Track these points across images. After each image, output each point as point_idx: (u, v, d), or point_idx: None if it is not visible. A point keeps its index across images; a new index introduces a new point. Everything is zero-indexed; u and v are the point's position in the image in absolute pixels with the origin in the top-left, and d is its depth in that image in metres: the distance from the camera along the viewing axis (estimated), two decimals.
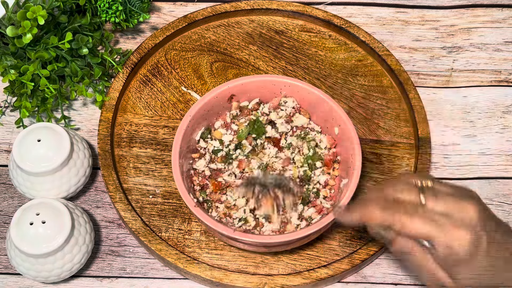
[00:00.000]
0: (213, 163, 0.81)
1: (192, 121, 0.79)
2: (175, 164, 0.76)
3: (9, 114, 0.92)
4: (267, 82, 0.81)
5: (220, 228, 0.72)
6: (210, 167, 0.80)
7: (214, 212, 0.78)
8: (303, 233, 0.72)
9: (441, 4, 1.00)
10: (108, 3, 0.88)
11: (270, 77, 0.82)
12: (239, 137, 0.81)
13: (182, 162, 0.77)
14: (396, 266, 0.82)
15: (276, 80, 0.81)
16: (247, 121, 0.82)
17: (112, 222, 0.84)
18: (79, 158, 0.81)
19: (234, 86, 0.81)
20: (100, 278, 0.81)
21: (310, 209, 0.77)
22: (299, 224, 0.77)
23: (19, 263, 0.76)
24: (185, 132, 0.78)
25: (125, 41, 0.97)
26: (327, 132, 0.81)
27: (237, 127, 0.82)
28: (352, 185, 0.74)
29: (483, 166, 0.88)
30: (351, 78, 0.93)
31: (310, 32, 0.96)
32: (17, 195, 0.86)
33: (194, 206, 0.74)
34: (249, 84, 0.81)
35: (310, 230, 0.72)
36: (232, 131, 0.82)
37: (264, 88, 0.82)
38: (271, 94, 0.82)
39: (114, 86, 0.90)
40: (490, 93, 0.93)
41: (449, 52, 0.96)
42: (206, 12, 0.96)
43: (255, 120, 0.82)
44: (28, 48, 0.86)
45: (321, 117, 0.81)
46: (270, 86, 0.81)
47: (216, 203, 0.78)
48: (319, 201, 0.78)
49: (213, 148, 0.81)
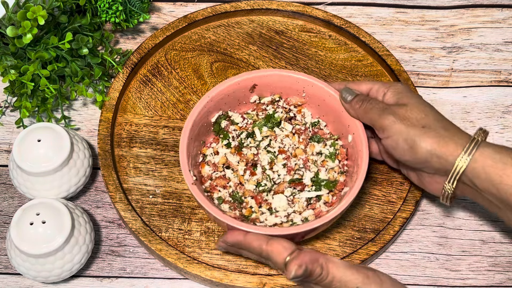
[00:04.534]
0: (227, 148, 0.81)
1: (210, 102, 0.79)
2: (184, 137, 0.76)
3: (9, 114, 0.92)
4: (291, 78, 0.81)
5: (213, 210, 0.72)
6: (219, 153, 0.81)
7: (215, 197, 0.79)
8: (298, 229, 0.72)
9: (441, 4, 1.00)
10: (108, 3, 0.88)
11: (295, 74, 0.81)
12: (254, 127, 0.82)
13: (192, 141, 0.78)
14: (397, 266, 0.82)
15: (301, 78, 0.80)
16: (264, 114, 0.83)
17: (112, 222, 0.84)
18: (79, 158, 0.81)
19: (258, 76, 0.80)
20: (100, 278, 0.81)
21: (308, 211, 0.77)
22: (295, 222, 0.76)
23: (19, 263, 0.76)
24: (201, 111, 0.78)
25: (125, 41, 0.97)
26: (341, 137, 0.81)
27: (252, 118, 0.83)
28: (350, 195, 0.74)
29: None
30: (351, 78, 0.93)
31: (310, 32, 0.96)
32: (17, 195, 0.86)
33: (192, 183, 0.74)
34: (273, 77, 0.81)
35: (304, 228, 0.72)
36: (248, 120, 0.83)
37: (287, 83, 0.81)
38: (293, 91, 0.82)
39: (114, 86, 0.90)
40: (490, 93, 0.93)
41: (449, 52, 0.96)
42: (206, 12, 0.96)
43: (271, 115, 0.82)
44: (28, 48, 0.86)
45: (338, 121, 0.81)
46: (294, 83, 0.81)
47: (219, 187, 0.79)
48: (318, 205, 0.78)
49: (226, 133, 0.82)
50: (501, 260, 0.83)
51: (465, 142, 0.69)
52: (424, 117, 0.72)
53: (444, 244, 0.83)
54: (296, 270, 0.66)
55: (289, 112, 0.83)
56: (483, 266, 0.82)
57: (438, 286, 0.81)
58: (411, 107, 0.73)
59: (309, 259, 0.67)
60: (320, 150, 0.81)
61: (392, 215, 0.83)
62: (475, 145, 0.68)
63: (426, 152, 0.70)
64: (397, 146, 0.72)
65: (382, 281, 0.67)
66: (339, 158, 0.80)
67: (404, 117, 0.72)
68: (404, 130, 0.71)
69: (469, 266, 0.82)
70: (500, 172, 0.66)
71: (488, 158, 0.67)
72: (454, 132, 0.71)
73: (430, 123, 0.71)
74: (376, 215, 0.83)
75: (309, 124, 0.83)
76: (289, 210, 0.77)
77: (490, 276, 0.82)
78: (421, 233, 0.84)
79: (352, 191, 0.74)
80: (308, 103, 0.83)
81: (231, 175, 0.80)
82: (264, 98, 0.83)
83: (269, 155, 0.80)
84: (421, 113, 0.72)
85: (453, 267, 0.82)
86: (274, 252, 0.69)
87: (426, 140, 0.70)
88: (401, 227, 0.81)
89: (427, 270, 0.82)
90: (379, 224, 0.82)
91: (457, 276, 0.82)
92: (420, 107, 0.73)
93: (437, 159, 0.70)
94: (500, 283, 0.81)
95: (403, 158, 0.73)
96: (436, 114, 0.73)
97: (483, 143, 0.69)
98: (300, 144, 0.81)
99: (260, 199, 0.78)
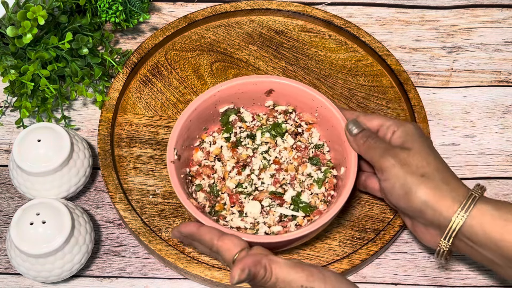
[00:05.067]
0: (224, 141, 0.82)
1: (218, 94, 0.79)
2: (183, 117, 0.77)
3: (9, 114, 0.92)
4: (306, 94, 0.79)
5: (180, 193, 0.73)
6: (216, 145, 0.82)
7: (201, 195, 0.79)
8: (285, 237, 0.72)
9: (441, 4, 1.00)
10: (108, 3, 0.88)
11: (310, 91, 0.79)
12: (258, 130, 0.82)
13: (191, 123, 0.78)
14: (396, 267, 0.82)
15: (315, 96, 0.79)
16: (274, 121, 0.83)
17: (112, 222, 0.84)
18: (79, 158, 0.81)
19: (276, 82, 0.80)
20: (100, 278, 0.81)
21: (278, 227, 0.77)
22: (257, 232, 0.76)
23: (19, 263, 0.76)
24: (208, 99, 0.79)
25: (125, 41, 0.97)
26: (337, 168, 0.80)
27: (261, 121, 0.83)
28: (327, 215, 0.73)
29: (483, 166, 0.88)
30: (351, 78, 0.93)
31: (310, 32, 0.96)
32: (17, 195, 0.86)
33: (171, 161, 0.74)
34: (290, 87, 0.80)
35: (295, 235, 0.72)
36: (257, 122, 0.83)
37: (302, 98, 0.80)
38: (307, 108, 0.81)
39: (114, 86, 0.90)
40: (490, 93, 0.93)
41: (449, 52, 0.96)
42: (206, 12, 0.96)
43: (278, 124, 0.82)
44: (28, 48, 0.86)
45: (339, 151, 0.79)
46: (309, 100, 0.80)
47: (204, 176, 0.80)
48: (289, 224, 0.77)
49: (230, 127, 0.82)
50: None
51: (462, 198, 0.67)
52: (425, 166, 0.69)
53: None
54: (239, 274, 0.65)
55: (298, 127, 0.83)
56: (483, 266, 0.82)
57: (438, 286, 0.81)
58: (414, 152, 0.70)
59: (251, 261, 0.66)
60: (310, 172, 0.80)
61: (392, 215, 0.83)
62: (473, 201, 0.67)
63: (421, 202, 0.68)
64: (393, 190, 0.70)
65: (325, 276, 0.66)
66: (326, 186, 0.79)
67: (404, 162, 0.70)
68: (402, 175, 0.69)
69: (469, 266, 0.82)
70: (501, 230, 0.65)
71: (486, 214, 0.66)
72: (453, 187, 0.68)
73: (430, 173, 0.69)
74: (376, 215, 0.83)
75: (313, 145, 0.82)
76: (260, 219, 0.77)
77: (490, 276, 0.82)
78: None
79: (321, 219, 0.72)
80: (319, 124, 0.82)
81: (219, 168, 0.80)
82: (279, 106, 0.83)
83: (263, 162, 0.80)
84: (423, 160, 0.70)
85: (453, 267, 0.82)
86: (224, 248, 0.69)
87: (422, 189, 0.68)
88: (401, 227, 0.81)
89: (427, 270, 0.82)
90: (379, 224, 0.82)
91: (457, 276, 0.82)
92: (423, 154, 0.70)
93: (431, 212, 0.68)
94: (500, 283, 0.81)
95: (398, 203, 0.71)
96: (438, 164, 0.70)
97: (482, 198, 0.67)
98: (294, 161, 0.81)
99: (235, 199, 0.78)
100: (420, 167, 0.69)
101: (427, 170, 0.69)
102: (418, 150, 0.71)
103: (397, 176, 0.70)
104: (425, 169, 0.69)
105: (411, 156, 0.70)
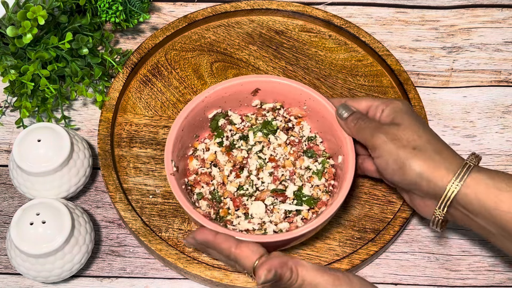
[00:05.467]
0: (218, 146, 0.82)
1: (208, 98, 0.79)
2: (174, 128, 0.77)
3: (9, 114, 0.92)
4: (294, 89, 0.80)
5: (185, 205, 0.73)
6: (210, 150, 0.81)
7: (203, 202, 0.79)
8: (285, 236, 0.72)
9: (441, 4, 1.00)
10: (108, 3, 0.88)
11: (297, 85, 0.80)
12: (249, 130, 0.82)
13: (183, 132, 0.78)
14: (396, 266, 0.82)
15: (303, 90, 0.80)
16: (263, 119, 0.83)
17: (112, 222, 0.84)
18: (79, 158, 0.81)
19: (261, 80, 0.80)
20: (100, 278, 0.81)
21: (284, 223, 0.77)
22: (267, 232, 0.76)
23: (19, 263, 0.76)
24: (198, 105, 0.79)
25: (125, 41, 0.97)
26: (333, 157, 0.81)
27: (250, 121, 0.83)
28: (332, 207, 0.73)
29: (483, 166, 0.88)
30: (351, 78, 0.93)
31: (310, 32, 0.96)
32: (17, 195, 0.86)
33: (171, 174, 0.74)
34: (276, 84, 0.81)
35: (292, 235, 0.72)
36: (246, 123, 0.83)
37: (289, 93, 0.81)
38: (295, 102, 0.81)
39: (114, 86, 0.90)
40: (490, 93, 0.94)
41: (449, 52, 0.96)
42: (206, 12, 0.96)
43: (269, 122, 0.82)
44: (28, 48, 0.86)
45: (333, 140, 0.80)
46: (297, 94, 0.80)
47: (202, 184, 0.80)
48: (296, 219, 0.77)
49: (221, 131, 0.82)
50: (501, 260, 0.83)
51: (456, 167, 0.68)
52: (416, 139, 0.70)
53: (444, 244, 0.83)
54: (265, 274, 0.65)
55: (288, 122, 0.83)
56: (483, 266, 0.82)
57: (438, 286, 0.81)
58: (404, 127, 0.71)
59: (278, 263, 0.66)
60: (308, 165, 0.80)
61: (392, 215, 0.83)
62: (467, 170, 0.67)
63: (416, 174, 0.69)
64: (387, 166, 0.71)
65: (352, 282, 0.66)
66: (326, 177, 0.80)
67: (395, 137, 0.70)
68: (394, 150, 0.70)
69: (469, 266, 0.82)
70: (495, 198, 0.65)
71: (480, 183, 0.66)
72: (446, 156, 0.69)
73: (421, 145, 0.69)
74: (376, 215, 0.83)
75: (305, 138, 0.82)
76: (266, 219, 0.77)
77: (490, 276, 0.82)
78: (421, 233, 0.84)
79: (327, 211, 0.73)
80: (308, 117, 0.82)
81: (216, 173, 0.80)
82: (266, 104, 0.83)
83: (259, 161, 0.80)
84: (413, 134, 0.70)
85: (453, 267, 0.82)
86: (242, 255, 0.69)
87: (415, 162, 0.68)
88: (401, 227, 0.81)
89: (427, 270, 0.82)
90: (379, 224, 0.82)
91: (457, 276, 0.82)
92: (414, 127, 0.71)
93: (426, 183, 0.68)
94: (500, 283, 0.81)
95: (393, 178, 0.71)
96: (429, 136, 0.71)
97: (476, 168, 0.68)
98: (291, 156, 0.81)
99: (238, 202, 0.78)
100: (411, 140, 0.70)
101: (419, 143, 0.70)
102: (408, 124, 0.71)
103: (389, 152, 0.70)
104: (417, 142, 0.70)
105: (401, 131, 0.71)
